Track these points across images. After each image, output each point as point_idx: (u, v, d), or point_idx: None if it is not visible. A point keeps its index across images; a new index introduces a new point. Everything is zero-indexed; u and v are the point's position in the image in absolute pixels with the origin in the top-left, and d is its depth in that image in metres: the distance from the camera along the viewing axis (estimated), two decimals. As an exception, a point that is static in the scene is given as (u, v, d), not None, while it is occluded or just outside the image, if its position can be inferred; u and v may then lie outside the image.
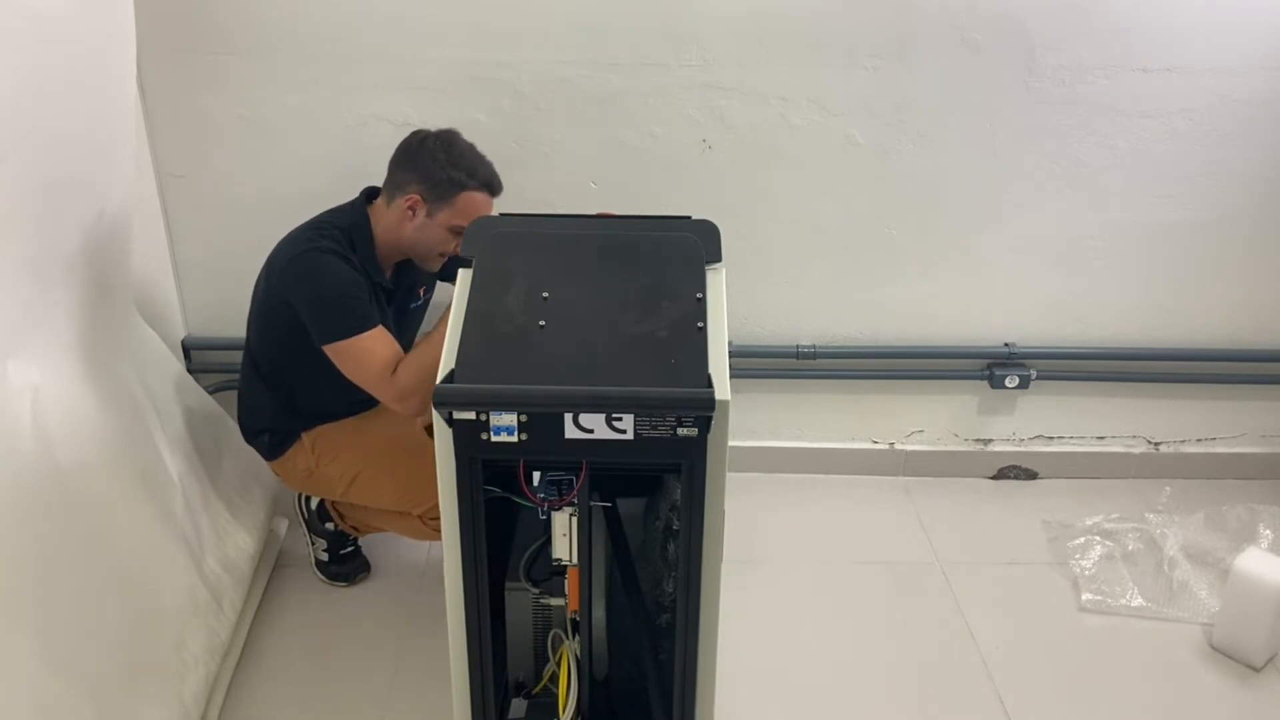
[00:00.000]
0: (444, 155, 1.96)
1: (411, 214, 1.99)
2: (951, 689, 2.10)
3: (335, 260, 1.92)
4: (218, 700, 1.97)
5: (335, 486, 2.16)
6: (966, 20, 2.31)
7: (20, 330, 1.66)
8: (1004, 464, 2.81)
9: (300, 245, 1.95)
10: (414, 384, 1.86)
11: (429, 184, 1.97)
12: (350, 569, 2.33)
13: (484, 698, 1.60)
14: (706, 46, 2.32)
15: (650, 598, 1.79)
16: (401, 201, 1.98)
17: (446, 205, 1.98)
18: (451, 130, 2.02)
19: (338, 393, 1.99)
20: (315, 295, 1.90)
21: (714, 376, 1.40)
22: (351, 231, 1.99)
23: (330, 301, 1.89)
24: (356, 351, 1.89)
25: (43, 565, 1.59)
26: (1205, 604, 2.29)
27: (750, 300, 2.59)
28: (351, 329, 1.88)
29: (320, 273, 1.91)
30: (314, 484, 2.20)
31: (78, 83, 1.80)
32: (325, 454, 2.14)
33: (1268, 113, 2.41)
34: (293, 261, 1.94)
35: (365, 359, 1.89)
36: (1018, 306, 2.63)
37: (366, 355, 1.88)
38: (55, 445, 1.67)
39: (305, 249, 1.94)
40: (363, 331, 1.88)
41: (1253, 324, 2.66)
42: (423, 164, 1.97)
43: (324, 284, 1.90)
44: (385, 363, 1.88)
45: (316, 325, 1.90)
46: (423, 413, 1.92)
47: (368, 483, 2.14)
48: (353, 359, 1.89)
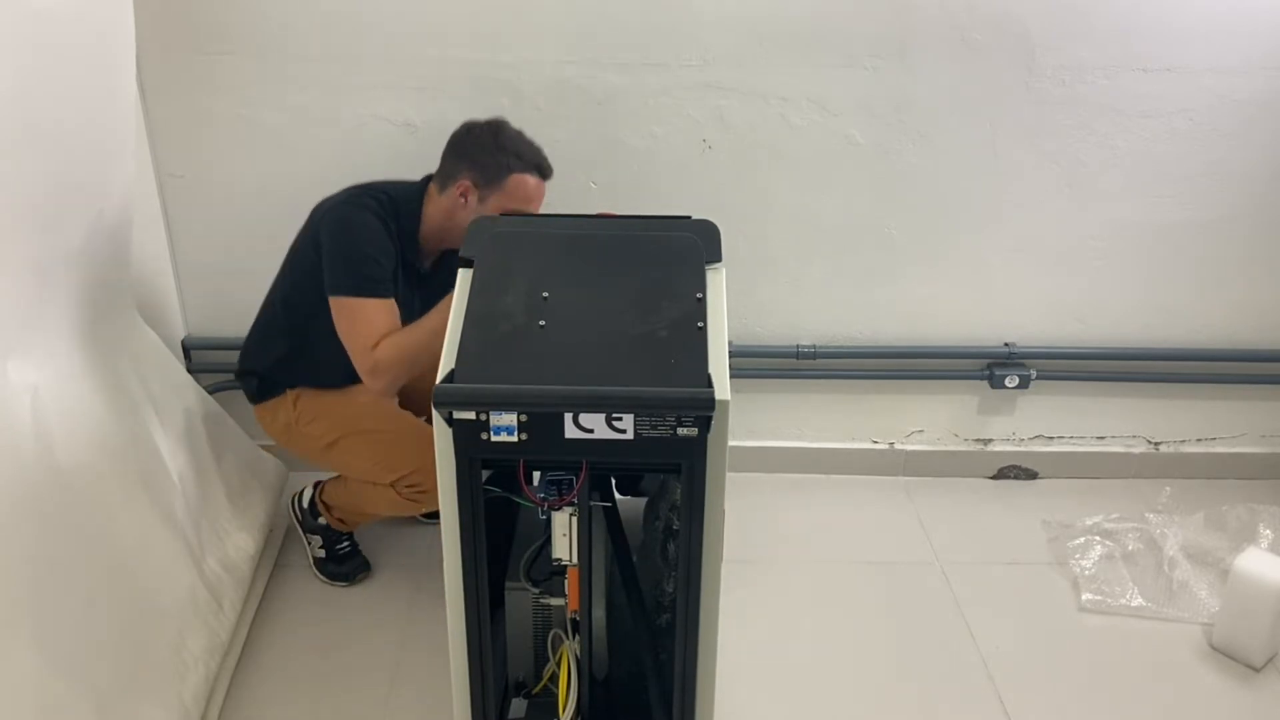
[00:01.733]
0: (491, 140, 2.01)
1: (464, 200, 2.02)
2: (951, 689, 2.10)
3: (374, 222, 1.96)
4: (218, 700, 1.97)
5: (313, 447, 2.18)
6: (966, 20, 2.31)
7: (20, 330, 1.66)
8: (1004, 464, 2.82)
9: (347, 198, 2.01)
10: (389, 362, 1.90)
11: (479, 169, 2.00)
12: (350, 568, 2.33)
13: (484, 698, 1.60)
14: (706, 46, 2.32)
15: (650, 598, 1.79)
16: (454, 189, 2.02)
17: (497, 189, 2.00)
18: (500, 118, 2.06)
19: (344, 359, 2.00)
20: (341, 245, 1.95)
21: (714, 376, 1.40)
22: (401, 203, 2.04)
23: (353, 256, 1.94)
24: (356, 312, 1.92)
25: (43, 565, 1.59)
26: (1205, 604, 2.29)
27: (750, 300, 2.59)
28: (361, 289, 1.93)
29: (356, 227, 1.96)
30: (292, 439, 2.21)
31: (78, 83, 1.80)
32: (306, 413, 2.16)
33: (1268, 113, 2.41)
34: (335, 208, 1.99)
35: (360, 322, 1.92)
36: (1018, 306, 2.63)
37: (362, 319, 1.92)
38: (55, 445, 1.67)
39: (351, 202, 1.99)
40: (370, 296, 1.93)
41: (1253, 324, 2.66)
42: (471, 150, 2.01)
43: (354, 239, 1.95)
44: (377, 333, 1.91)
45: (331, 273, 1.95)
46: (388, 394, 2.01)
47: (346, 448, 2.14)
48: (349, 318, 1.93)
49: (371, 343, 1.90)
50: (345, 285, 1.93)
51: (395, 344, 1.91)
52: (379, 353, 1.90)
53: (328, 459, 2.18)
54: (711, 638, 1.55)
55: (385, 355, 1.90)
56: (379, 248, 1.96)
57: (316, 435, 2.15)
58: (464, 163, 2.01)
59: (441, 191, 2.05)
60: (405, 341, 1.91)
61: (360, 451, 2.14)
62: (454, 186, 2.02)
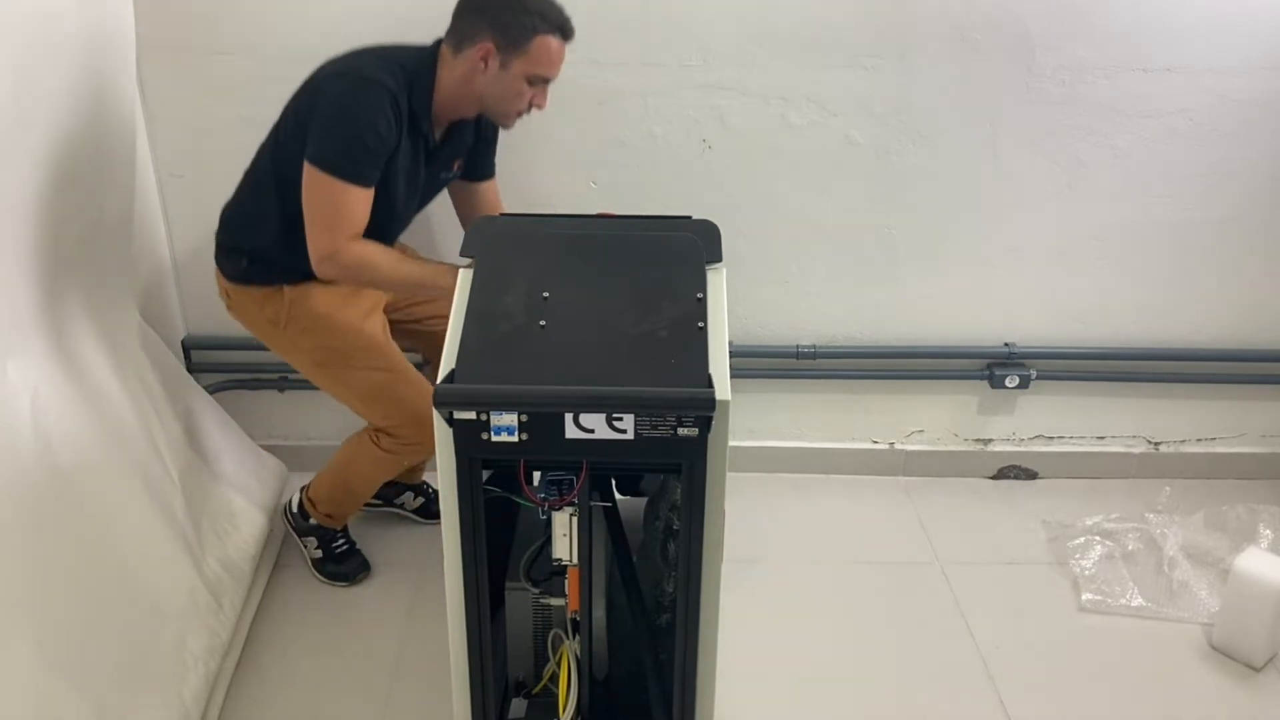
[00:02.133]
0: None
1: (484, 65, 1.86)
2: (951, 689, 2.10)
3: (385, 102, 1.80)
4: (218, 700, 1.97)
5: (299, 356, 2.08)
6: (966, 20, 2.31)
7: (20, 330, 1.66)
8: (1004, 464, 2.81)
9: (360, 66, 1.84)
10: (352, 266, 1.83)
11: (500, 30, 1.84)
12: (349, 568, 2.33)
13: (484, 698, 1.60)
14: (706, 46, 2.32)
15: (650, 598, 1.79)
16: (473, 51, 1.86)
17: (521, 53, 1.85)
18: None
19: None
20: (342, 120, 1.80)
21: (714, 376, 1.40)
22: (415, 77, 1.88)
23: (352, 136, 1.79)
24: (337, 195, 1.80)
25: (43, 565, 1.59)
26: (1205, 604, 2.29)
27: (750, 300, 2.59)
28: (350, 173, 1.80)
29: (363, 104, 1.80)
30: (275, 339, 2.08)
31: (78, 82, 1.80)
32: (300, 319, 2.02)
33: (1268, 113, 2.41)
34: (343, 77, 1.84)
35: (337, 206, 1.80)
36: (1018, 306, 2.63)
37: (341, 205, 1.80)
38: (55, 445, 1.67)
39: (364, 73, 1.82)
40: (356, 184, 1.80)
41: (1253, 324, 2.66)
42: (492, 9, 1.85)
43: (354, 118, 1.80)
44: (345, 221, 1.80)
45: (321, 143, 1.80)
46: (333, 281, 1.93)
47: (337, 377, 2.07)
48: (325, 195, 1.80)
49: (342, 233, 1.80)
50: (333, 163, 1.78)
51: (367, 259, 1.83)
52: (346, 254, 1.81)
53: (312, 374, 2.10)
54: (711, 638, 1.55)
55: (351, 259, 1.82)
56: (382, 134, 1.80)
57: (306, 349, 2.05)
58: (484, 22, 1.84)
59: (456, 54, 1.88)
60: (379, 262, 1.83)
61: (353, 384, 2.07)
62: (472, 49, 1.85)
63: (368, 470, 2.20)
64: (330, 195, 1.79)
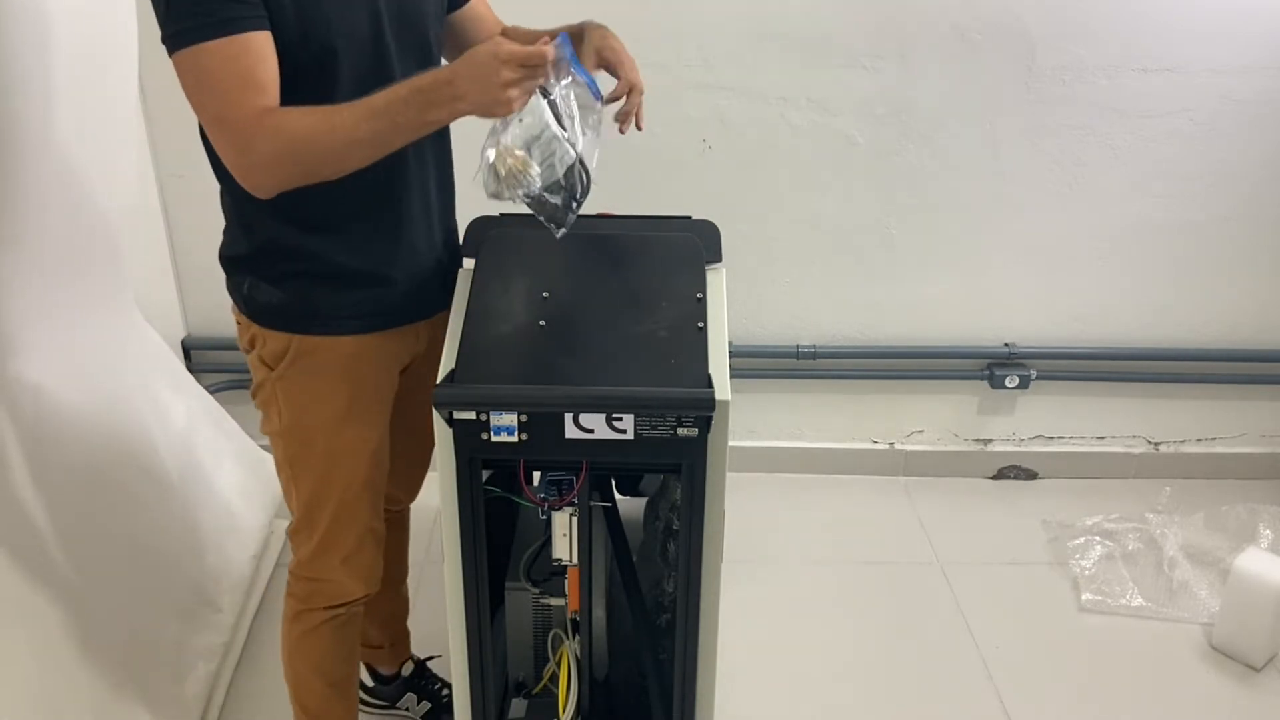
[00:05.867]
0: None
1: None
2: (951, 689, 2.10)
3: None
4: (218, 700, 1.97)
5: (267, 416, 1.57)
6: (966, 20, 2.31)
7: (21, 330, 1.66)
8: (1004, 464, 2.81)
9: None
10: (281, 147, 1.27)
11: None
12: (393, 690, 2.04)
13: (484, 698, 1.60)
14: (706, 46, 2.32)
15: (650, 598, 1.79)
16: None
17: None
18: None
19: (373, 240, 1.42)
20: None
21: (714, 377, 1.40)
22: None
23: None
24: (195, 70, 1.26)
25: (42, 565, 1.59)
26: (1205, 604, 2.29)
27: (750, 300, 2.59)
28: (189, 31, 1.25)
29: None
30: (259, 385, 1.56)
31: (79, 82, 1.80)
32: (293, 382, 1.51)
33: (1268, 112, 2.41)
34: None
35: (204, 84, 1.27)
36: (1018, 306, 2.63)
37: (205, 77, 1.26)
38: (56, 445, 1.68)
39: None
40: (204, 39, 1.25)
41: (1253, 324, 2.66)
42: None
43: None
44: (230, 92, 1.26)
45: (158, 19, 1.28)
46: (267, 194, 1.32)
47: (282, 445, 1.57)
48: (189, 82, 1.28)
49: (238, 115, 1.26)
50: (174, 31, 1.26)
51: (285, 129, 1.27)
52: (260, 142, 1.27)
53: (269, 437, 1.60)
54: (711, 638, 1.55)
55: (269, 146, 1.27)
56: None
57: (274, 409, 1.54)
58: None
59: None
60: (305, 126, 1.27)
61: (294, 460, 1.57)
62: None
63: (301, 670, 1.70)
64: (197, 75, 1.26)
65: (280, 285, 1.48)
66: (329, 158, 1.30)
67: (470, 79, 1.23)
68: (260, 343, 1.52)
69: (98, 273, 1.93)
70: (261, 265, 1.50)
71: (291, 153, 1.28)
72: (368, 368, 1.53)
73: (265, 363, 1.53)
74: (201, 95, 1.28)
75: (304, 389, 1.53)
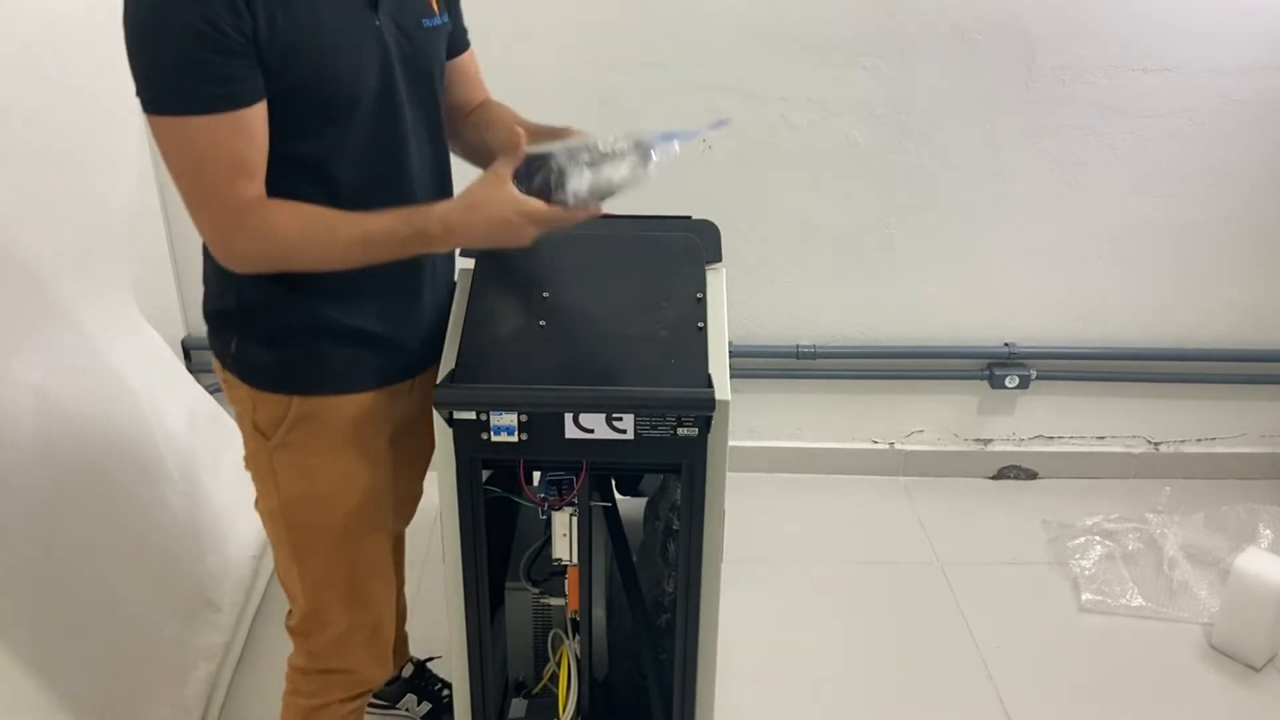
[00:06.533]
0: None
1: None
2: (951, 689, 2.10)
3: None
4: (218, 700, 1.97)
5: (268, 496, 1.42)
6: (966, 20, 2.31)
7: (22, 329, 1.67)
8: (1004, 464, 2.81)
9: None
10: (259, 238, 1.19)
11: None
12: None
13: (484, 698, 1.60)
14: (706, 46, 2.32)
15: (650, 598, 1.79)
16: None
17: None
18: None
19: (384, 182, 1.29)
20: (132, 22, 1.12)
21: (714, 377, 1.40)
22: None
23: (145, 41, 1.12)
24: (176, 139, 1.15)
25: (43, 564, 1.59)
26: (1205, 604, 2.29)
27: (750, 300, 2.59)
28: (170, 99, 1.13)
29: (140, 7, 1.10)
30: (254, 452, 1.42)
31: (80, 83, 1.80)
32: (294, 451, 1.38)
33: (1269, 112, 2.41)
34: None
35: (186, 158, 1.16)
36: (1018, 306, 2.63)
37: (187, 151, 1.15)
38: (56, 444, 1.68)
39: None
40: (186, 112, 1.13)
41: (1253, 324, 2.66)
42: None
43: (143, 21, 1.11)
44: (212, 173, 1.16)
45: (134, 76, 1.14)
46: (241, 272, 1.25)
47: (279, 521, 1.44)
48: (167, 150, 1.16)
49: (220, 195, 1.17)
50: (153, 95, 1.13)
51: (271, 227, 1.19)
52: (244, 227, 1.18)
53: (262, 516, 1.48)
54: (711, 638, 1.55)
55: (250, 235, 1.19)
56: (195, 14, 1.08)
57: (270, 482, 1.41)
58: None
59: None
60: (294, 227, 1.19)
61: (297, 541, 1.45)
62: None
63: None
64: (181, 148, 1.15)
65: (276, 344, 1.34)
66: (312, 265, 1.25)
67: (489, 235, 1.23)
68: (252, 406, 1.38)
69: (98, 272, 1.93)
70: (253, 322, 1.34)
71: (274, 257, 1.23)
72: (373, 424, 1.42)
73: (260, 430, 1.38)
74: (184, 171, 1.18)
75: (306, 457, 1.39)
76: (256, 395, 1.37)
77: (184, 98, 1.13)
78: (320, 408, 1.37)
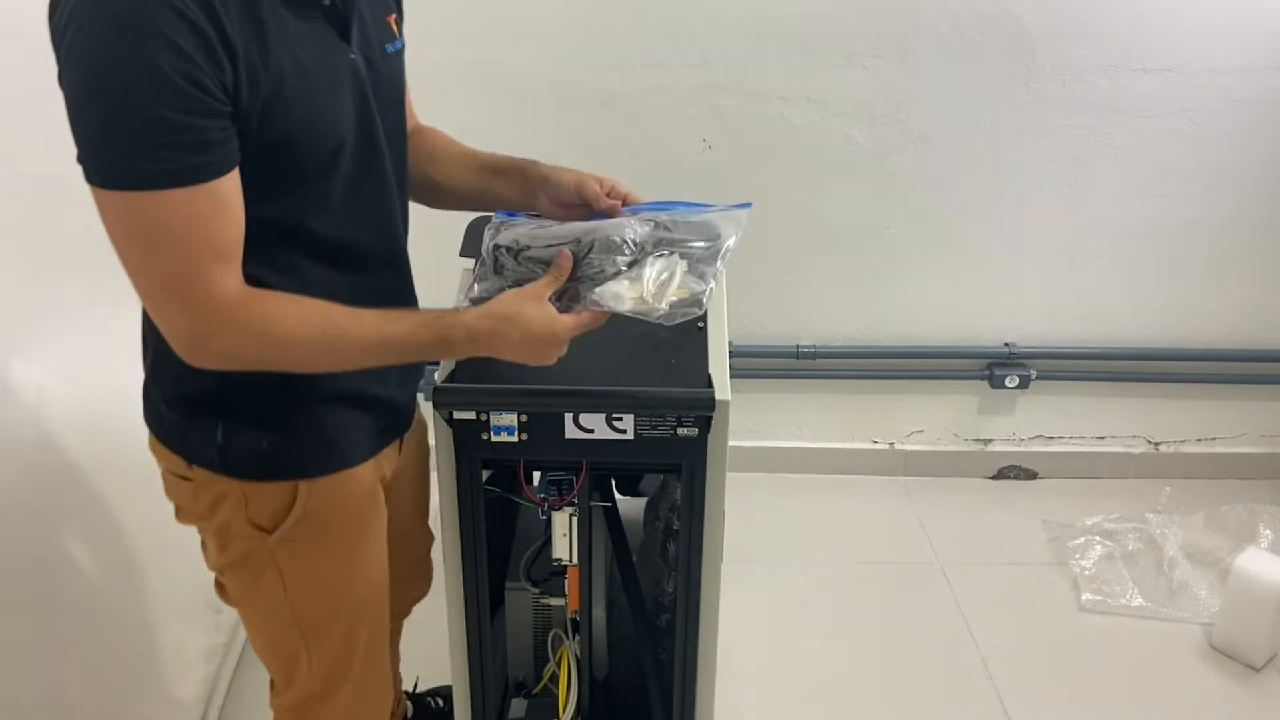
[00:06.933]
0: None
1: None
2: (951, 689, 2.10)
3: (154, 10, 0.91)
4: (218, 700, 1.97)
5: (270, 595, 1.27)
6: (966, 20, 2.31)
7: (23, 329, 1.66)
8: (1004, 464, 2.81)
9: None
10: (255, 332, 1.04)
11: None
12: None
13: (484, 698, 1.60)
14: (706, 46, 2.32)
15: (650, 598, 1.79)
16: None
17: None
18: None
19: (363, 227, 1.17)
20: (86, 81, 0.95)
21: (714, 376, 1.40)
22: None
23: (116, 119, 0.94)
24: (139, 219, 0.98)
25: (44, 564, 1.60)
26: (1205, 604, 2.29)
27: (750, 300, 2.59)
28: (138, 172, 0.95)
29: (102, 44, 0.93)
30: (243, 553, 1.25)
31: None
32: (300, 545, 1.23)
33: (1269, 112, 2.41)
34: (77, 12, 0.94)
35: (151, 242, 0.98)
36: (1018, 306, 2.63)
37: (155, 233, 0.98)
38: (57, 444, 1.68)
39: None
40: (161, 185, 0.96)
41: (1253, 324, 2.66)
42: None
43: (108, 63, 0.93)
44: (189, 258, 0.99)
45: (80, 142, 0.97)
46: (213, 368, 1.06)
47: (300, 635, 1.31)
48: (125, 232, 0.99)
49: (197, 283, 0.99)
50: (113, 167, 0.96)
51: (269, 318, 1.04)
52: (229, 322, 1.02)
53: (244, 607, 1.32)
54: (711, 638, 1.55)
55: (233, 344, 1.03)
56: (175, 70, 0.92)
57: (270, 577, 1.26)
58: None
59: None
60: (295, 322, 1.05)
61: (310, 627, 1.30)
62: None
63: None
64: (142, 227, 0.98)
65: (278, 423, 1.17)
66: (305, 368, 1.09)
67: (516, 351, 1.15)
68: (243, 503, 1.19)
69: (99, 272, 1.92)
70: (246, 401, 1.15)
71: (262, 358, 1.06)
72: (380, 487, 1.32)
73: (257, 526, 1.21)
74: (150, 256, 0.99)
75: (320, 543, 1.24)
76: (250, 488, 1.19)
77: (152, 169, 0.95)
78: (332, 486, 1.22)
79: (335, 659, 1.33)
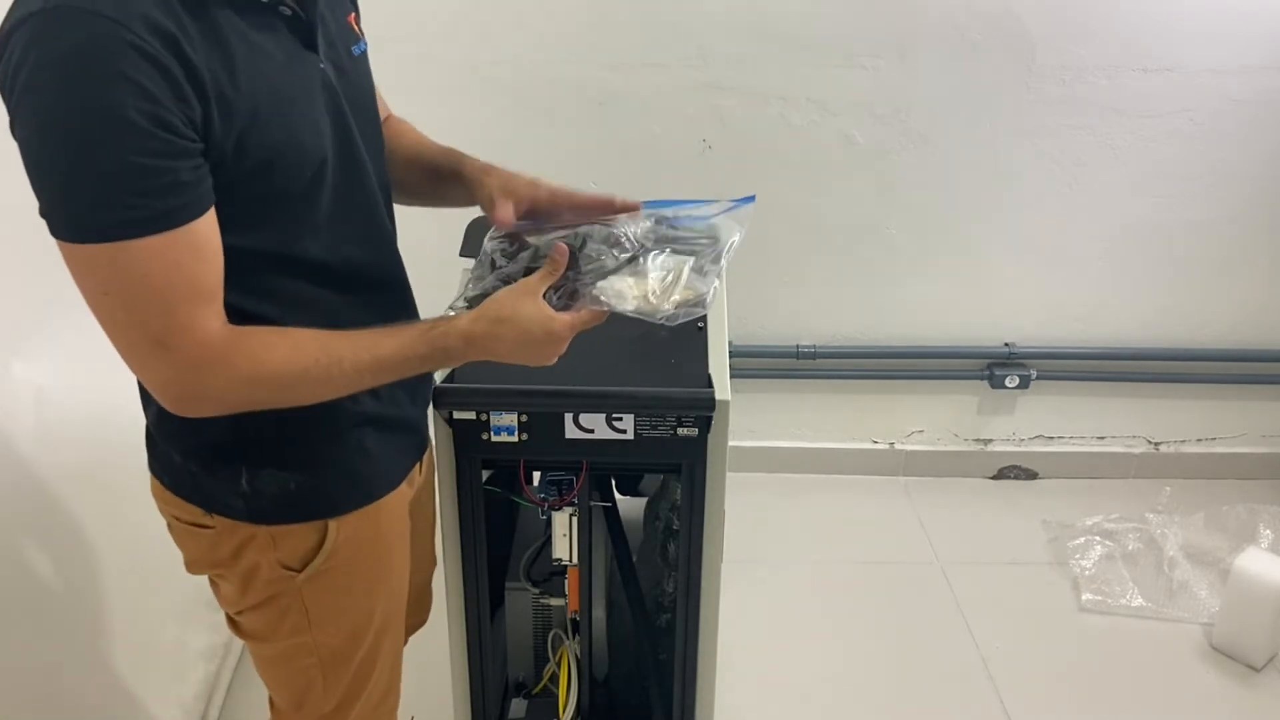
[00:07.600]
0: None
1: None
2: (951, 689, 2.10)
3: (112, 48, 0.84)
4: (218, 700, 1.97)
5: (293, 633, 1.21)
6: (966, 20, 2.31)
7: (24, 329, 1.67)
8: (1004, 464, 2.81)
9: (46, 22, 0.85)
10: (245, 379, 0.98)
11: None
12: None
13: (484, 698, 1.60)
14: (706, 46, 2.32)
15: (650, 598, 1.79)
16: None
17: None
18: None
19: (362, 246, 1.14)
20: (47, 133, 0.88)
21: (714, 376, 1.40)
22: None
23: (82, 168, 0.88)
24: (112, 271, 0.91)
25: (44, 564, 1.59)
26: (1205, 604, 2.29)
27: (750, 300, 2.59)
28: (119, 225, 0.89)
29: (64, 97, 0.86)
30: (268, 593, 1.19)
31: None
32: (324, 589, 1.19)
33: (1268, 112, 2.41)
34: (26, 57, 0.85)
35: (127, 294, 0.92)
36: (1018, 306, 2.63)
37: (131, 284, 0.92)
38: (58, 444, 1.68)
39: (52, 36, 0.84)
40: (137, 234, 0.89)
41: (1253, 324, 2.66)
42: None
43: (59, 122, 0.87)
44: (168, 306, 0.93)
45: (43, 192, 0.92)
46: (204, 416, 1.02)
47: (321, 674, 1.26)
48: (97, 285, 0.93)
49: (194, 335, 0.95)
50: (89, 218, 0.90)
51: (260, 361, 0.99)
52: (214, 382, 0.97)
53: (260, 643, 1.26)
54: (711, 638, 1.55)
55: (224, 390, 0.98)
56: (139, 111, 0.86)
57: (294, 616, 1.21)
58: None
59: None
60: (284, 359, 1.00)
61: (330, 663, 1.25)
62: None
63: None
64: (119, 279, 0.92)
65: (306, 462, 1.13)
66: (302, 401, 1.04)
67: (513, 352, 1.11)
68: (271, 545, 1.14)
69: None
70: (271, 444, 1.11)
71: (257, 399, 1.02)
72: (404, 514, 1.28)
73: (286, 567, 1.15)
74: (127, 309, 0.93)
75: (350, 573, 1.19)
76: (278, 532, 1.14)
77: (125, 217, 0.89)
78: (363, 518, 1.18)
79: (351, 681, 1.28)
